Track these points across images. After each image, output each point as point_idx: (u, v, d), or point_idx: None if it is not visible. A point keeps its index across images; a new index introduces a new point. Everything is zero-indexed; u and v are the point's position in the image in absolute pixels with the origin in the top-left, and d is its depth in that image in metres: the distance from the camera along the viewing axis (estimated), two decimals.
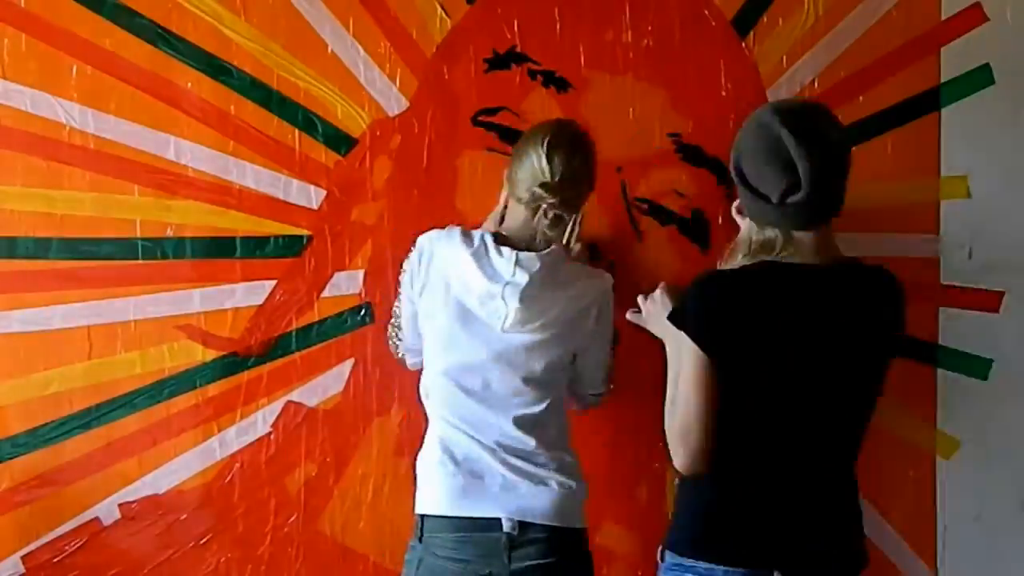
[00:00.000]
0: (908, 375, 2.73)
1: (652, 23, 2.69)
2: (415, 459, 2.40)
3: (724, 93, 2.70)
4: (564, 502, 2.22)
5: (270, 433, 2.69)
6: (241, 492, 2.69)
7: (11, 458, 2.66)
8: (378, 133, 2.69)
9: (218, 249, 2.67)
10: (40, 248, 2.65)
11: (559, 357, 2.27)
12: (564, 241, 2.29)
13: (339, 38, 2.67)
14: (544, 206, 2.24)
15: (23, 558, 2.66)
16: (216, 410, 2.68)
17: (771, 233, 2.08)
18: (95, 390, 2.67)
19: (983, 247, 2.73)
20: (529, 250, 2.24)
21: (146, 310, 2.66)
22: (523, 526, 2.18)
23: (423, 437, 2.39)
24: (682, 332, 2.03)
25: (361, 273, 2.68)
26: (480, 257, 2.22)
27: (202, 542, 2.69)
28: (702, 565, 2.02)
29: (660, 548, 2.13)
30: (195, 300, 2.67)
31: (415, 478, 2.36)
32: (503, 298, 2.19)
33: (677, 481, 2.21)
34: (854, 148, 2.66)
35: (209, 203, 2.67)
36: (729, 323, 2.00)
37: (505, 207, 2.35)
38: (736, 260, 2.12)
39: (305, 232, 2.68)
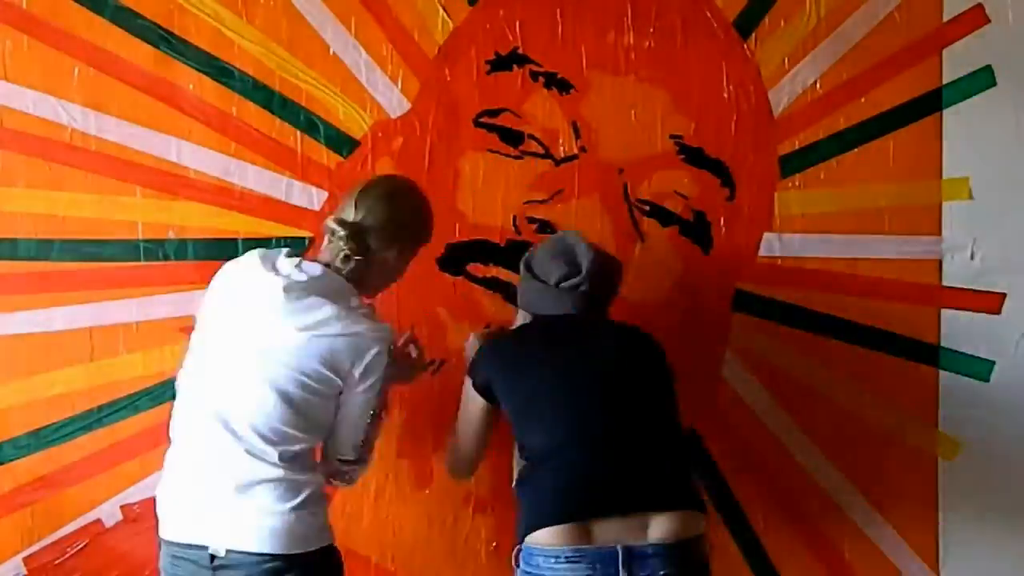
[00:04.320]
0: (910, 377, 2.74)
1: (654, 25, 2.69)
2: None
3: (726, 95, 2.71)
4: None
5: None
6: None
7: (13, 460, 2.66)
8: (380, 135, 2.69)
9: (220, 251, 2.67)
10: (42, 250, 2.65)
11: (314, 380, 2.17)
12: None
13: (341, 40, 2.67)
14: (336, 240, 2.24)
15: (25, 559, 2.66)
16: None
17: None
18: (97, 392, 2.67)
19: (985, 249, 2.73)
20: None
21: (148, 312, 2.66)
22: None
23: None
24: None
25: None
26: (266, 259, 2.24)
27: None
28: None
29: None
30: (197, 302, 2.65)
31: None
32: (275, 286, 2.17)
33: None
34: (855, 150, 2.72)
35: (211, 205, 2.67)
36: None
37: None
38: None
39: (307, 234, 2.68)
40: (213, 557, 2.12)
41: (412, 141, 2.69)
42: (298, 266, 2.21)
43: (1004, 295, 2.74)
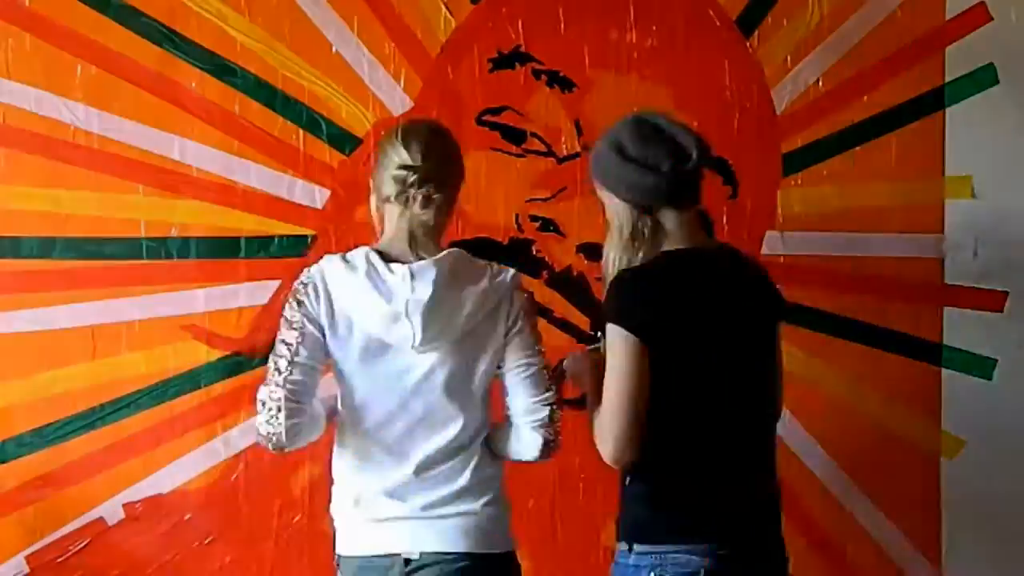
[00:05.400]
0: (913, 375, 2.74)
1: (656, 23, 2.70)
2: None
3: (728, 93, 2.71)
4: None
5: None
6: (245, 492, 2.69)
7: (16, 458, 2.66)
8: (382, 133, 2.69)
9: (222, 249, 2.67)
10: (45, 248, 2.65)
11: (481, 370, 2.07)
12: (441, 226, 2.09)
13: (344, 38, 2.67)
14: (411, 190, 2.04)
15: (27, 557, 2.66)
16: (221, 410, 2.68)
17: (645, 224, 2.06)
18: (99, 390, 2.67)
19: (987, 247, 2.73)
20: (419, 258, 2.04)
21: (150, 310, 2.66)
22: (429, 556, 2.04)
23: None
24: (615, 330, 2.01)
25: None
26: (373, 279, 2.02)
27: (206, 542, 2.69)
28: (657, 549, 2.04)
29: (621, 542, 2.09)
30: (200, 300, 2.67)
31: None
32: (407, 317, 1.99)
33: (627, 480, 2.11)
34: (858, 149, 2.73)
35: (214, 203, 2.67)
36: (657, 310, 2.01)
37: (380, 224, 2.15)
38: (631, 252, 2.07)
39: (309, 232, 2.68)
40: (407, 561, 2.03)
41: None
42: (413, 276, 2.01)
43: (1006, 293, 2.74)
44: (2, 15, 2.63)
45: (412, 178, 2.04)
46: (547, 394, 2.10)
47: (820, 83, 2.72)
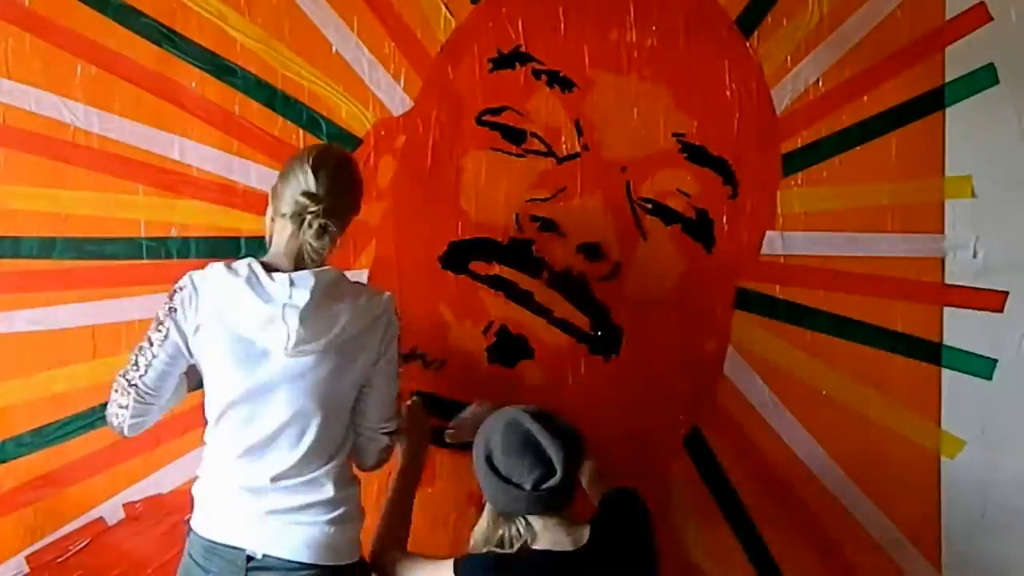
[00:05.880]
0: (912, 375, 2.74)
1: (656, 23, 2.69)
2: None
3: (728, 93, 2.71)
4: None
5: None
6: None
7: (16, 458, 2.66)
8: (382, 133, 2.69)
9: (222, 249, 2.67)
10: (45, 248, 2.65)
11: (349, 381, 2.21)
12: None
13: (343, 38, 2.67)
14: (308, 216, 2.15)
15: (27, 557, 2.66)
16: None
17: (518, 525, 2.20)
18: (99, 390, 2.63)
19: (987, 247, 2.73)
20: (299, 269, 2.17)
21: (150, 310, 2.63)
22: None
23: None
24: None
25: (365, 273, 2.68)
26: (253, 284, 2.14)
27: None
28: None
29: None
30: None
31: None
32: (284, 320, 2.11)
33: None
34: (859, 147, 2.72)
35: (213, 203, 2.67)
36: None
37: (271, 234, 2.26)
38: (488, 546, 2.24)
39: None
40: (249, 558, 2.15)
41: (415, 139, 2.69)
42: (292, 284, 2.14)
43: (1006, 293, 2.74)
44: (2, 15, 2.63)
45: (313, 208, 2.16)
46: (390, 423, 2.30)
47: (820, 83, 2.72)
